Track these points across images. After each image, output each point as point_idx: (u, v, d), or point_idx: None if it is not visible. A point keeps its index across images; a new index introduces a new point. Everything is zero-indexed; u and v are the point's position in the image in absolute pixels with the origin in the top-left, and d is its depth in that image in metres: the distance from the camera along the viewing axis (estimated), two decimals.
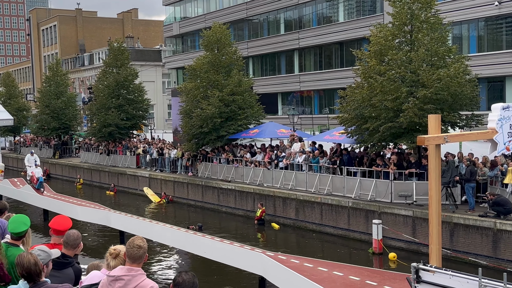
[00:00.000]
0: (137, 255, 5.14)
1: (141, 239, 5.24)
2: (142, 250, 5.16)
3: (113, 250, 5.69)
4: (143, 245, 5.19)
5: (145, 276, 5.14)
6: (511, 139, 11.45)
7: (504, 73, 35.14)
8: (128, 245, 5.20)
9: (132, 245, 5.15)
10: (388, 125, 21.49)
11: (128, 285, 5.06)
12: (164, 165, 36.48)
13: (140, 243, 5.17)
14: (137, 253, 5.14)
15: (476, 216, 19.14)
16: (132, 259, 5.14)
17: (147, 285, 5.08)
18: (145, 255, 5.22)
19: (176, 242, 20.18)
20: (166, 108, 70.37)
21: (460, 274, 9.28)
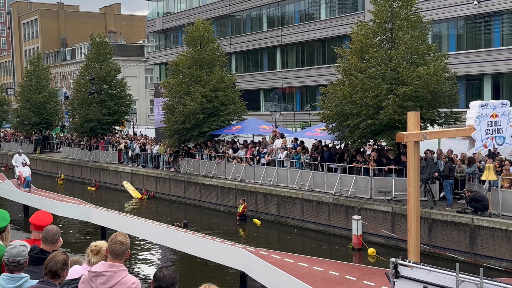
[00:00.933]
0: (119, 251, 5.12)
1: (123, 235, 5.23)
2: (124, 247, 5.16)
3: (94, 246, 5.66)
4: (125, 241, 5.18)
5: (127, 272, 5.13)
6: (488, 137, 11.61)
7: (482, 71, 35.61)
8: (110, 241, 5.19)
9: (114, 241, 5.14)
10: (368, 122, 21.70)
11: (109, 281, 5.05)
12: (147, 160, 36.44)
13: (123, 239, 5.16)
14: (119, 249, 5.12)
15: (454, 212, 19.41)
16: (114, 255, 5.13)
17: (129, 281, 5.08)
18: (127, 251, 5.21)
19: (158, 238, 20.23)
20: (149, 103, 70.13)
21: (438, 270, 9.33)
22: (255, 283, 16.17)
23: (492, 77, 36.05)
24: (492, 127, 11.54)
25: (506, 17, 35.28)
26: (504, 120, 11.67)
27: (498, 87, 36.11)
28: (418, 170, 10.45)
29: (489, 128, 11.53)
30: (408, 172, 10.32)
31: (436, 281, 9.19)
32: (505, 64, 34.51)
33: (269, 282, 15.16)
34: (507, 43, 35.23)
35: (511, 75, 35.68)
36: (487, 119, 11.43)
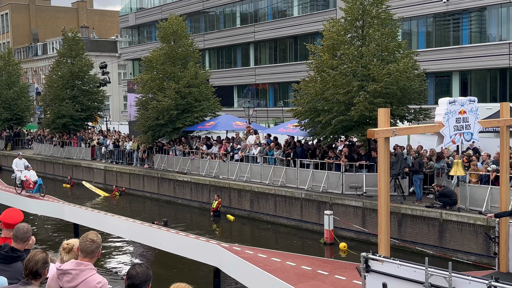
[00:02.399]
0: (89, 249, 5.13)
1: (95, 234, 5.24)
2: (95, 245, 5.16)
3: (66, 244, 5.64)
4: (97, 239, 5.19)
5: (94, 271, 5.12)
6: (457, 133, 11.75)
7: (451, 68, 36.28)
8: (81, 239, 5.19)
9: (85, 239, 5.14)
10: (339, 118, 21.97)
11: (75, 279, 5.03)
12: (120, 157, 36.30)
13: (94, 237, 5.17)
14: (90, 247, 5.13)
15: (423, 207, 19.78)
16: (85, 253, 5.14)
17: (94, 280, 5.07)
18: (99, 250, 5.21)
19: (132, 234, 20.19)
20: (122, 99, 69.64)
21: (408, 263, 9.49)
22: (228, 278, 16.30)
23: (460, 74, 36.75)
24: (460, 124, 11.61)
25: (474, 15, 35.97)
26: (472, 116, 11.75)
27: (466, 84, 36.81)
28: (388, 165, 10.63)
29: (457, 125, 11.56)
30: (379, 167, 10.49)
31: (406, 275, 9.35)
32: (473, 61, 35.20)
33: (242, 278, 15.30)
34: (475, 40, 35.92)
35: (478, 72, 36.41)
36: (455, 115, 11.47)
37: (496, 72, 35.65)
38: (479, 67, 35.41)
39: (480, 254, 17.87)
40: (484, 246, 17.65)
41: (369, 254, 9.93)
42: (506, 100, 22.02)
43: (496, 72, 35.62)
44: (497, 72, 35.64)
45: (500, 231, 12.73)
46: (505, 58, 34.01)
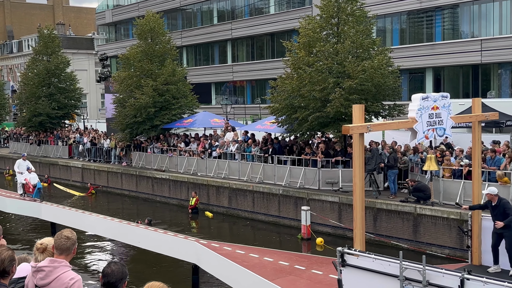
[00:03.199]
0: (64, 246, 5.09)
1: (69, 231, 5.19)
2: (70, 242, 5.11)
3: (39, 244, 5.50)
4: (72, 236, 5.14)
5: (68, 268, 5.07)
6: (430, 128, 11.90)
7: (424, 65, 36.81)
8: (56, 236, 5.14)
9: (60, 236, 5.10)
10: (316, 114, 22.17)
11: (48, 277, 4.99)
12: (98, 155, 36.15)
13: (69, 234, 5.13)
14: (65, 244, 5.08)
15: (398, 201, 20.09)
16: (60, 250, 5.09)
17: (67, 276, 5.00)
18: (74, 247, 5.17)
19: (110, 232, 20.16)
20: (100, 97, 69.23)
21: (383, 257, 9.66)
22: (207, 275, 16.39)
23: (434, 70, 37.29)
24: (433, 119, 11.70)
25: (447, 12, 36.51)
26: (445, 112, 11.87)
27: (439, 80, 37.37)
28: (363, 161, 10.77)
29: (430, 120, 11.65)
30: (354, 163, 10.61)
31: (381, 268, 9.52)
32: (445, 58, 35.76)
33: (221, 274, 15.36)
34: (448, 37, 36.46)
35: (451, 69, 36.97)
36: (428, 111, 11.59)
37: (468, 68, 36.25)
38: (452, 63, 35.98)
39: (454, 247, 18.19)
40: (457, 240, 17.97)
41: (344, 248, 10.07)
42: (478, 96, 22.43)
43: (469, 68, 36.23)
44: (469, 69, 36.25)
45: (473, 224, 12.96)
46: (477, 54, 34.62)
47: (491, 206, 12.32)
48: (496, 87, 35.51)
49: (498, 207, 12.16)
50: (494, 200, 12.21)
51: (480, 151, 13.92)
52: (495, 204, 12.19)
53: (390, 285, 9.36)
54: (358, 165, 10.51)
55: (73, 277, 5.04)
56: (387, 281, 9.41)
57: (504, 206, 12.11)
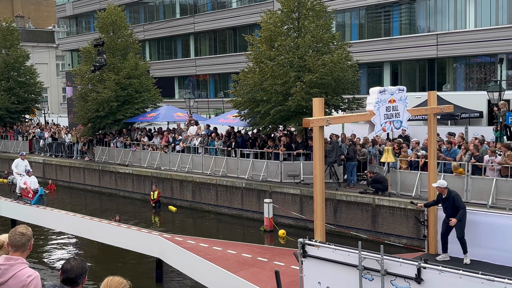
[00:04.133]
0: (19, 242, 5.01)
1: (24, 227, 5.11)
2: (25, 238, 5.03)
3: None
4: (27, 232, 5.07)
5: (25, 265, 5.00)
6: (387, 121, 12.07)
7: (382, 59, 37.45)
8: (10, 233, 5.06)
9: (14, 232, 5.02)
10: (278, 108, 22.42)
11: (5, 274, 4.90)
12: (59, 150, 35.74)
13: (23, 230, 5.05)
14: (20, 240, 5.01)
15: (357, 193, 20.49)
16: (15, 247, 5.01)
17: (25, 274, 4.94)
18: (30, 243, 5.10)
19: (72, 228, 19.99)
20: (61, 91, 68.18)
21: (342, 248, 9.83)
22: (171, 269, 16.48)
23: (391, 64, 37.98)
24: (390, 112, 11.82)
25: (404, 7, 37.21)
26: (401, 105, 12.04)
27: (396, 74, 38.10)
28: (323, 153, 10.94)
29: (388, 113, 11.80)
30: (314, 155, 10.76)
31: (341, 259, 9.67)
32: (403, 52, 36.46)
33: (184, 268, 15.43)
34: (405, 32, 37.18)
35: (408, 63, 37.73)
36: (385, 104, 11.74)
37: (424, 62, 37.05)
38: (409, 57, 36.71)
39: (411, 237, 18.65)
40: (415, 229, 18.42)
41: (305, 240, 10.20)
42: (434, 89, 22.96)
43: (425, 62, 37.02)
44: (425, 63, 37.05)
45: (429, 214, 13.30)
46: (433, 49, 35.41)
47: (442, 199, 12.65)
48: (452, 81, 36.41)
49: (448, 200, 12.46)
50: (444, 193, 12.53)
51: (436, 143, 14.29)
52: (445, 197, 12.52)
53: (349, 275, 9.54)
54: (318, 157, 10.63)
55: (30, 274, 4.98)
56: (347, 271, 9.58)
57: (454, 199, 12.37)
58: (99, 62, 31.76)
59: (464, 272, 8.44)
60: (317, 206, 10.66)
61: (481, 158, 18.54)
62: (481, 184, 18.09)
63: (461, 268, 8.75)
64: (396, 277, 9.09)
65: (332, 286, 9.91)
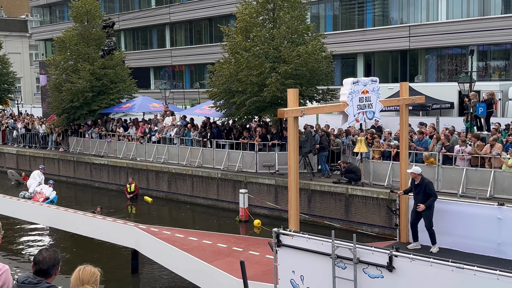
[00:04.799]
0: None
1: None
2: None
3: None
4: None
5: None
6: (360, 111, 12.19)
7: (355, 51, 37.78)
8: None
9: None
10: (253, 99, 22.52)
11: None
12: (33, 141, 35.39)
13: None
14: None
15: (331, 183, 20.76)
16: None
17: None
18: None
19: (46, 220, 19.82)
20: (34, 81, 67.31)
21: (316, 237, 9.82)
22: (147, 259, 16.52)
23: (365, 56, 38.32)
24: (363, 103, 11.95)
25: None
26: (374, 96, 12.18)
27: (369, 65, 38.48)
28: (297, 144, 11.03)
29: (361, 104, 11.92)
30: (288, 146, 10.82)
31: (314, 248, 9.71)
32: (376, 44, 36.80)
33: (160, 258, 15.49)
34: (378, 23, 37.52)
35: (381, 54, 38.11)
36: (358, 95, 11.84)
37: (397, 54, 37.47)
38: (382, 49, 37.08)
39: (383, 226, 18.97)
40: (387, 219, 18.74)
41: (280, 229, 10.22)
42: (406, 80, 23.31)
43: (398, 54, 37.44)
44: (398, 54, 37.47)
45: (401, 204, 13.56)
46: (406, 40, 35.84)
47: (414, 185, 12.94)
48: (423, 72, 36.92)
49: (420, 186, 12.75)
50: (417, 179, 12.82)
51: (407, 133, 14.54)
52: (418, 183, 12.81)
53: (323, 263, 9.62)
54: (293, 148, 10.71)
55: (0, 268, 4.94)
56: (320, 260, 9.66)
57: (426, 186, 12.65)
58: (108, 45, 31.18)
59: (434, 260, 8.59)
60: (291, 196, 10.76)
61: (451, 148, 18.91)
62: (451, 173, 18.48)
63: (431, 256, 8.93)
64: (368, 265, 9.20)
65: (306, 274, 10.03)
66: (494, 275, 7.99)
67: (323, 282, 9.64)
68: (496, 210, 12.22)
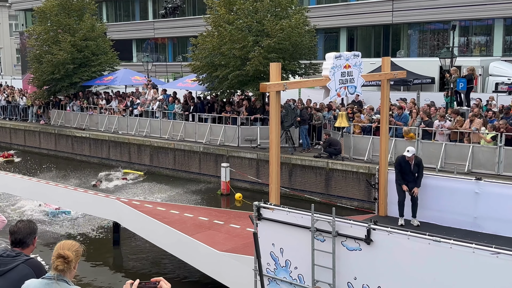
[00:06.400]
0: None
1: None
2: None
3: None
4: None
5: None
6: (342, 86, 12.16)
7: (338, 25, 37.65)
8: None
9: None
10: (236, 73, 22.47)
11: None
12: (14, 113, 35.02)
13: None
14: None
15: (311, 157, 20.91)
16: None
17: None
18: None
19: (27, 192, 19.60)
20: (15, 52, 66.24)
21: (296, 210, 9.94)
22: (128, 232, 16.61)
23: (348, 30, 38.23)
24: (345, 77, 11.83)
25: None
26: (356, 70, 12.08)
27: (352, 40, 38.43)
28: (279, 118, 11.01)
29: (342, 78, 11.82)
30: (270, 120, 10.76)
31: (294, 221, 9.82)
32: (359, 18, 36.69)
33: (141, 231, 15.55)
34: None
35: (364, 29, 38.06)
36: (340, 69, 11.74)
37: (380, 28, 37.45)
38: (365, 23, 37.00)
39: (362, 199, 19.23)
40: (366, 192, 18.98)
41: (261, 203, 10.31)
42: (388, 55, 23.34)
43: (380, 28, 37.42)
44: (381, 29, 37.44)
45: (380, 178, 13.65)
46: (389, 15, 35.79)
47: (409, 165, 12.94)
48: (406, 47, 36.98)
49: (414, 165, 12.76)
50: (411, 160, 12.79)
51: (388, 108, 14.55)
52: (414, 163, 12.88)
53: (302, 236, 9.74)
54: (275, 122, 10.67)
55: None
56: (300, 233, 9.77)
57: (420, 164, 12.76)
58: (173, 2, 29.20)
59: (411, 234, 8.72)
60: (272, 170, 10.79)
61: (430, 123, 19.09)
62: (430, 148, 18.68)
63: (409, 230, 9.07)
64: (347, 238, 9.33)
65: (285, 247, 10.16)
66: (470, 248, 8.15)
67: (302, 254, 9.78)
68: (474, 184, 12.38)
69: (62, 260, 4.21)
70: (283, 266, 10.19)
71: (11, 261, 4.75)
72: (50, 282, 4.24)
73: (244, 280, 11.42)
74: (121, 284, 3.25)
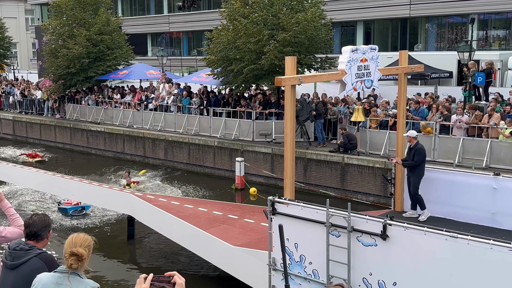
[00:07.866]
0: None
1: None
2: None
3: None
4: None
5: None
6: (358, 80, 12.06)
7: (355, 18, 37.32)
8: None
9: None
10: (251, 67, 22.36)
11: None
12: (30, 107, 35.22)
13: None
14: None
15: (327, 151, 20.76)
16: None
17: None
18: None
19: (42, 185, 19.77)
20: (31, 47, 66.67)
21: (311, 205, 9.90)
22: (143, 226, 16.62)
23: (364, 23, 37.89)
24: (362, 71, 11.75)
25: None
26: (373, 64, 11.99)
27: (369, 34, 38.06)
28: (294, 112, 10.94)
29: (359, 72, 11.73)
30: (285, 114, 10.69)
31: (309, 216, 9.79)
32: (376, 11, 36.34)
33: (155, 225, 15.55)
34: None
35: (381, 22, 37.68)
36: (357, 63, 11.65)
37: (397, 22, 37.06)
38: (382, 17, 36.64)
39: (378, 195, 19.05)
40: (382, 188, 18.79)
41: (275, 197, 10.28)
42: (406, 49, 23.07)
43: (398, 22, 37.04)
44: (398, 22, 37.06)
45: (396, 173, 13.52)
46: (406, 8, 35.40)
47: (408, 148, 12.96)
48: (423, 41, 36.57)
49: (412, 150, 12.79)
50: (412, 143, 12.84)
51: (405, 102, 14.39)
52: (412, 147, 12.83)
53: (317, 231, 9.67)
54: (290, 116, 10.61)
55: None
56: (315, 228, 9.71)
57: (416, 151, 12.64)
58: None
59: (428, 229, 8.62)
60: (287, 164, 10.73)
61: (448, 117, 18.85)
62: (448, 143, 18.46)
63: (425, 225, 8.94)
64: (362, 233, 9.25)
65: (300, 242, 10.09)
66: (488, 244, 8.02)
67: (317, 250, 9.70)
68: (492, 180, 12.22)
69: (75, 258, 4.21)
70: (298, 261, 10.12)
71: (24, 254, 4.76)
72: (62, 276, 4.24)
73: (258, 274, 11.35)
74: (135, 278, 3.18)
